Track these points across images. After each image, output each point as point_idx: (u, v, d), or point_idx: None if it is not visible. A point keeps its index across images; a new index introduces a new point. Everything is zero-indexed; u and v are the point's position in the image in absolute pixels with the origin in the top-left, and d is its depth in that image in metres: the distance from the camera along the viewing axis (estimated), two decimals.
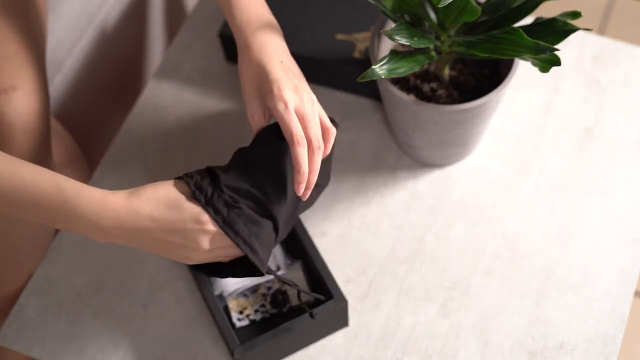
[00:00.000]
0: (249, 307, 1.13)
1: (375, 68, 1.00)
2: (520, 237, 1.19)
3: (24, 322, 1.15)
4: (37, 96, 1.10)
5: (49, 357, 1.13)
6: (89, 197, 0.89)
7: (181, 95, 1.33)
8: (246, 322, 1.12)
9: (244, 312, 1.12)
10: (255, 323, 1.13)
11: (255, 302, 1.13)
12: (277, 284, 1.13)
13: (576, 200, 1.21)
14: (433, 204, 1.22)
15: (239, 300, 1.13)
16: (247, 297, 1.13)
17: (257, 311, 1.13)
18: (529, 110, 1.29)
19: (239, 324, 1.12)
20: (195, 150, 1.28)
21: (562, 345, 1.11)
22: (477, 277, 1.16)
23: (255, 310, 1.13)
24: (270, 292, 1.13)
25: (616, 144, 1.25)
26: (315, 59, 1.26)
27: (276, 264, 1.13)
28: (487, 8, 1.06)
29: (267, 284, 1.14)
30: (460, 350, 1.11)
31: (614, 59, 1.33)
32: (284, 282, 1.02)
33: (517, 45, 0.99)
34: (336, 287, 1.08)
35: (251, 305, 1.13)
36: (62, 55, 1.38)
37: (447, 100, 1.16)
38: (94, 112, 1.52)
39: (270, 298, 1.13)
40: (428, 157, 1.22)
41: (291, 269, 1.13)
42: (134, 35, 1.56)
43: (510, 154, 1.25)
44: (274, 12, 1.30)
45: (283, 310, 1.13)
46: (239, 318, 1.12)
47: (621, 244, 1.18)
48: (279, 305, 1.13)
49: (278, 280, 1.13)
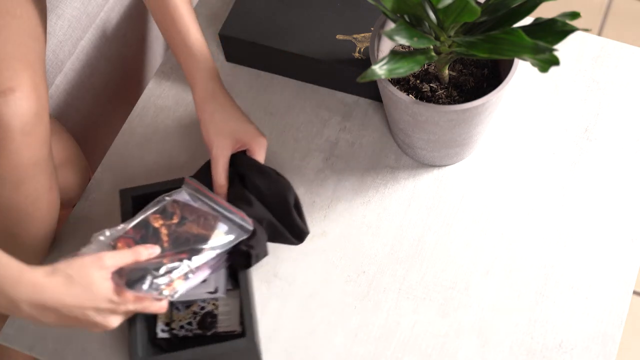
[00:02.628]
0: (177, 321, 1.11)
1: (375, 68, 1.01)
2: (520, 237, 1.19)
3: (25, 321, 1.15)
4: (35, 98, 1.10)
5: (50, 357, 1.13)
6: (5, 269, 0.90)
7: (181, 96, 1.33)
8: (168, 335, 1.10)
9: (170, 324, 1.11)
10: (176, 338, 1.11)
11: (184, 317, 1.11)
12: (210, 305, 1.12)
13: (575, 199, 1.21)
14: (433, 204, 1.22)
15: (169, 311, 1.12)
16: (178, 311, 1.12)
17: (182, 327, 1.11)
18: (528, 110, 1.29)
19: (161, 334, 1.10)
20: (195, 150, 1.28)
21: (561, 345, 1.11)
22: (477, 276, 1.16)
23: (181, 327, 1.11)
24: (201, 312, 1.12)
25: (615, 143, 1.26)
26: (315, 59, 1.26)
27: (216, 286, 1.10)
28: (487, 8, 1.06)
29: (202, 303, 1.12)
30: (459, 350, 1.12)
31: (613, 59, 1.33)
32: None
33: (516, 45, 0.99)
34: (252, 326, 1.05)
35: (179, 320, 1.11)
36: (63, 56, 1.38)
37: (447, 100, 1.16)
38: (94, 112, 1.53)
39: (199, 318, 1.11)
40: (428, 157, 1.22)
41: (229, 295, 1.12)
42: (135, 36, 1.56)
43: (510, 154, 1.26)
44: (274, 12, 1.30)
45: (207, 333, 1.11)
46: (163, 329, 1.11)
47: (620, 244, 1.18)
48: (205, 327, 1.11)
49: (213, 303, 1.12)
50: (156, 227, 1.07)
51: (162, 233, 1.06)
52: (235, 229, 1.07)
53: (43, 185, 1.14)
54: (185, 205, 1.09)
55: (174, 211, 1.09)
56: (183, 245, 1.05)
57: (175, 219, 1.08)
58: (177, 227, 1.07)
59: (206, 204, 1.09)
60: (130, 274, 1.00)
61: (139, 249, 1.01)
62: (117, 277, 0.98)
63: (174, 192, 1.10)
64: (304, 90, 1.32)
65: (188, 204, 1.09)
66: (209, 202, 1.09)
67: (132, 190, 1.15)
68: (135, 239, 1.06)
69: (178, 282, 1.02)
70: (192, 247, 1.05)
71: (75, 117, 1.47)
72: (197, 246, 1.05)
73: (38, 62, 1.14)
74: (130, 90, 1.62)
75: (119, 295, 0.96)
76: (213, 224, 1.07)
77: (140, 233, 1.06)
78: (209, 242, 1.05)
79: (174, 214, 1.08)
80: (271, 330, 1.14)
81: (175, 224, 1.07)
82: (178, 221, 1.08)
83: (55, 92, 1.40)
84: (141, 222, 1.07)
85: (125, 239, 1.05)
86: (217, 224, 1.07)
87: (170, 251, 1.04)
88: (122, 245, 1.05)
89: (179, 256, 1.04)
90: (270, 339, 1.13)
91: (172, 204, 1.09)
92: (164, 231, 1.07)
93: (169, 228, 1.07)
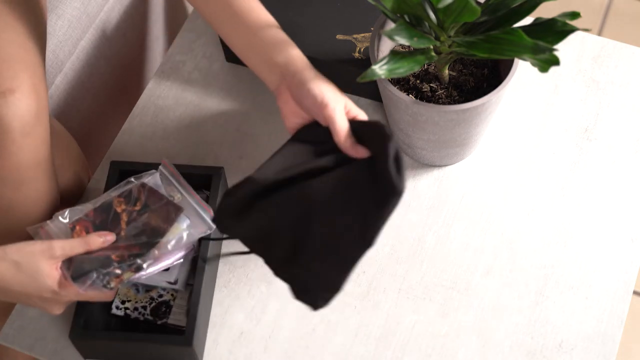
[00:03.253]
0: (133, 301, 1.12)
1: (375, 68, 1.01)
2: (520, 236, 1.19)
3: (25, 321, 1.15)
4: (35, 98, 1.10)
5: (50, 357, 1.13)
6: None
7: (182, 95, 1.33)
8: (121, 313, 1.12)
9: (126, 303, 1.12)
10: (128, 318, 1.12)
11: (141, 300, 1.12)
12: (169, 295, 1.13)
13: (575, 199, 1.21)
14: (433, 204, 1.22)
15: (129, 290, 1.13)
16: (137, 292, 1.13)
17: (136, 309, 1.12)
18: (528, 110, 1.29)
19: (115, 311, 1.12)
20: (196, 150, 1.28)
21: (561, 345, 1.12)
22: (477, 276, 1.16)
23: (135, 308, 1.12)
24: (158, 299, 1.12)
25: (615, 143, 1.26)
26: (315, 59, 1.26)
27: (177, 277, 1.11)
28: (487, 8, 1.06)
29: (162, 291, 1.13)
30: (459, 350, 1.12)
31: (613, 59, 1.33)
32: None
33: (516, 45, 0.99)
34: (194, 326, 1.05)
35: (135, 301, 1.12)
36: (63, 56, 1.38)
37: (447, 100, 1.16)
38: (94, 112, 1.53)
39: (154, 305, 1.12)
40: (428, 157, 1.22)
41: (187, 290, 1.13)
42: (135, 35, 1.56)
43: (510, 154, 1.26)
44: (275, 12, 1.30)
45: (158, 322, 1.11)
46: (118, 306, 1.12)
47: (620, 244, 1.18)
48: (156, 315, 1.12)
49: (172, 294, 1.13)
50: (117, 212, 1.07)
51: (122, 220, 1.06)
52: (198, 223, 1.07)
53: (43, 185, 1.14)
54: (152, 191, 1.09)
55: (139, 197, 1.08)
56: (138, 237, 1.05)
57: (138, 205, 1.08)
58: (137, 214, 1.07)
59: (177, 190, 1.09)
60: (79, 265, 1.01)
61: (92, 239, 1.02)
62: (66, 267, 1.01)
63: (146, 173, 1.10)
64: None
65: (155, 191, 1.09)
66: (180, 189, 1.09)
67: (122, 164, 1.16)
68: (94, 223, 1.06)
69: (127, 274, 1.03)
70: (147, 240, 1.05)
71: (75, 117, 1.47)
72: (152, 239, 1.05)
73: (38, 62, 1.14)
74: (130, 90, 1.62)
75: (64, 287, 0.99)
76: (174, 217, 1.07)
77: (100, 217, 1.07)
78: (165, 236, 1.05)
79: (138, 199, 1.08)
80: (271, 330, 1.14)
81: (136, 211, 1.07)
82: (140, 208, 1.08)
83: (55, 92, 1.40)
84: (104, 204, 1.08)
85: (84, 222, 1.06)
86: (178, 217, 1.07)
87: (125, 242, 1.05)
88: (80, 228, 1.06)
89: (131, 250, 1.04)
90: (270, 339, 1.13)
91: (138, 188, 1.09)
92: (124, 217, 1.07)
93: (129, 215, 1.07)
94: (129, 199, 1.08)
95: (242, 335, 1.13)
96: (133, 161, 1.21)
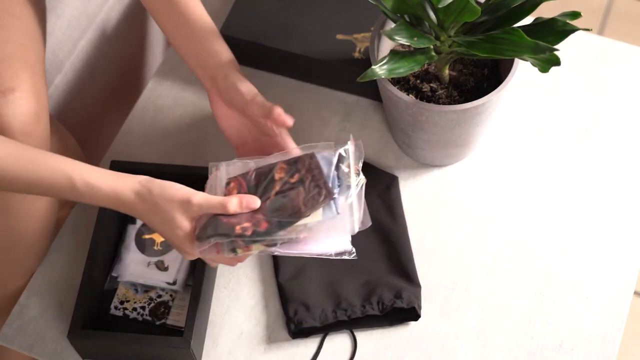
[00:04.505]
0: (132, 302, 1.13)
1: (375, 68, 1.01)
2: (520, 237, 1.19)
3: (24, 321, 1.15)
4: (35, 98, 1.10)
5: (50, 357, 1.13)
6: (99, 194, 0.98)
7: (181, 95, 1.33)
8: (120, 313, 1.12)
9: (125, 303, 1.13)
10: (126, 318, 1.13)
11: (139, 300, 1.13)
12: (168, 295, 1.13)
13: (575, 200, 1.21)
14: (433, 204, 1.22)
15: (128, 290, 1.13)
16: (136, 292, 1.13)
17: (135, 309, 1.12)
18: (528, 110, 1.29)
19: (113, 311, 1.12)
20: (195, 150, 1.28)
21: (561, 345, 1.11)
22: (477, 277, 1.16)
23: (134, 308, 1.12)
24: (157, 299, 1.13)
25: (615, 143, 1.26)
26: (315, 59, 1.26)
27: (175, 278, 1.12)
28: (487, 8, 1.06)
29: (161, 292, 1.13)
30: (460, 350, 1.12)
31: (613, 59, 1.33)
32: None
33: (516, 45, 0.99)
34: (193, 327, 1.04)
35: (134, 302, 1.13)
36: (63, 56, 1.38)
37: (447, 100, 1.16)
38: (94, 112, 1.53)
39: (153, 305, 1.12)
40: (428, 157, 1.22)
41: (186, 290, 1.13)
42: (134, 35, 1.56)
43: (509, 154, 1.25)
44: (275, 12, 1.30)
45: (156, 322, 1.12)
46: (116, 307, 1.12)
47: (620, 244, 1.18)
48: (155, 316, 1.12)
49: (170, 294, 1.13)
50: (274, 179, 1.00)
51: (274, 188, 0.99)
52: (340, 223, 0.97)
53: None
54: (316, 165, 0.99)
55: (300, 169, 1.00)
56: (276, 213, 0.97)
57: (295, 177, 0.99)
58: (289, 187, 0.98)
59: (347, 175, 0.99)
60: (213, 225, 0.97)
61: (231, 202, 0.97)
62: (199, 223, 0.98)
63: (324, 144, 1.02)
64: (303, 90, 1.32)
65: (319, 166, 0.99)
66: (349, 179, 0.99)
67: (122, 164, 1.16)
68: (249, 183, 1.00)
69: (256, 246, 0.97)
70: (280, 220, 0.97)
71: (75, 117, 1.47)
72: (287, 220, 0.96)
73: (38, 62, 1.14)
74: (130, 90, 1.62)
75: (191, 241, 0.98)
76: (318, 202, 0.97)
77: (257, 179, 1.01)
78: (302, 221, 0.96)
79: (297, 172, 0.99)
80: (271, 330, 1.14)
81: (290, 183, 0.99)
82: (295, 181, 0.99)
83: (55, 92, 1.40)
84: (267, 167, 1.01)
85: (239, 180, 1.01)
86: (323, 205, 0.97)
87: (264, 213, 0.97)
88: (234, 185, 1.01)
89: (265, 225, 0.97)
90: (270, 339, 1.13)
91: (306, 161, 1.00)
92: (276, 187, 0.99)
93: (282, 185, 0.99)
94: (290, 167, 1.00)
95: (242, 335, 1.13)
96: (133, 161, 1.21)
